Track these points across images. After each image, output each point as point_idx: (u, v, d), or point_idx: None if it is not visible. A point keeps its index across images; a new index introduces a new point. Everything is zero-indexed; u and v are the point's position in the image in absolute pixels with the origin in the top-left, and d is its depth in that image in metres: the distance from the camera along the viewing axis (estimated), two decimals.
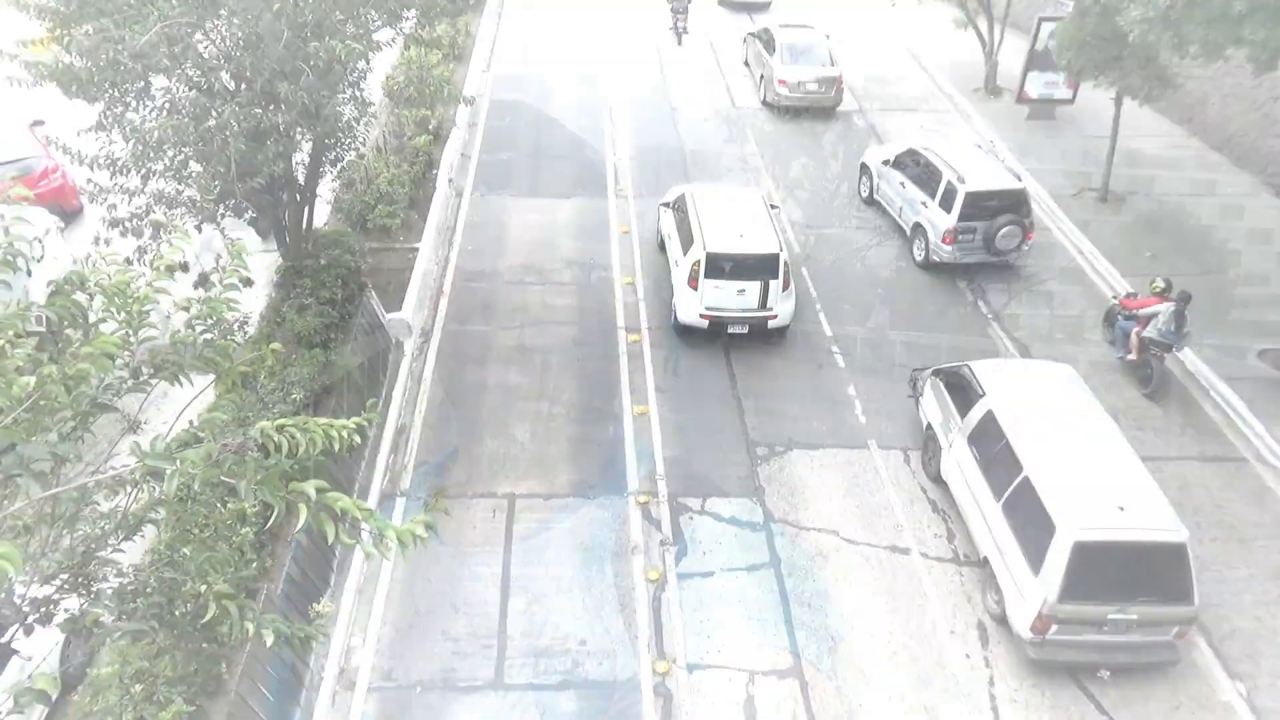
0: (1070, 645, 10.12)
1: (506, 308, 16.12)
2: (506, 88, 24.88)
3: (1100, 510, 9.97)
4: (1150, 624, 10.00)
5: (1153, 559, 9.87)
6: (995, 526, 10.89)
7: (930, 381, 13.34)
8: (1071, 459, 10.69)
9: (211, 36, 10.85)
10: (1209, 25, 13.15)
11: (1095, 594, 9.81)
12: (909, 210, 17.86)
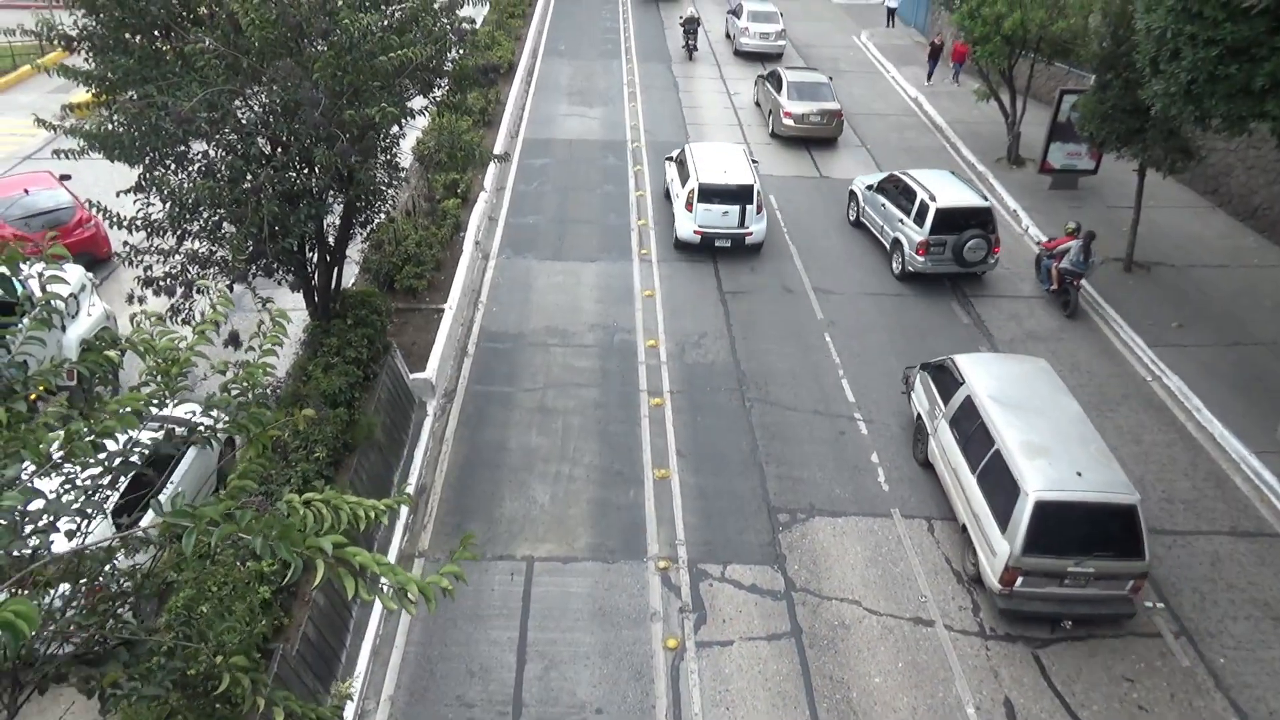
0: (1035, 597, 11.32)
1: (529, 369, 16.21)
2: (534, 152, 25.36)
3: (1060, 475, 11.24)
4: (1107, 578, 11.18)
5: (1107, 518, 11.12)
6: (972, 496, 12.15)
7: (919, 375, 14.67)
8: (1038, 434, 11.90)
9: (250, 103, 11.18)
10: (1231, 100, 13.23)
11: (1055, 548, 11.05)
12: (889, 228, 19.94)
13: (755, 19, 34.15)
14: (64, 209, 17.65)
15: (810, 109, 25.86)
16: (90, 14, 10.91)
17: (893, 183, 20.18)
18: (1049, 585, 11.21)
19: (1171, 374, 16.35)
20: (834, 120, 26.10)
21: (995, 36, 23.02)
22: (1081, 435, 12.06)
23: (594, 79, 31.81)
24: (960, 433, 12.82)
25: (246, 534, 3.48)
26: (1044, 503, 10.96)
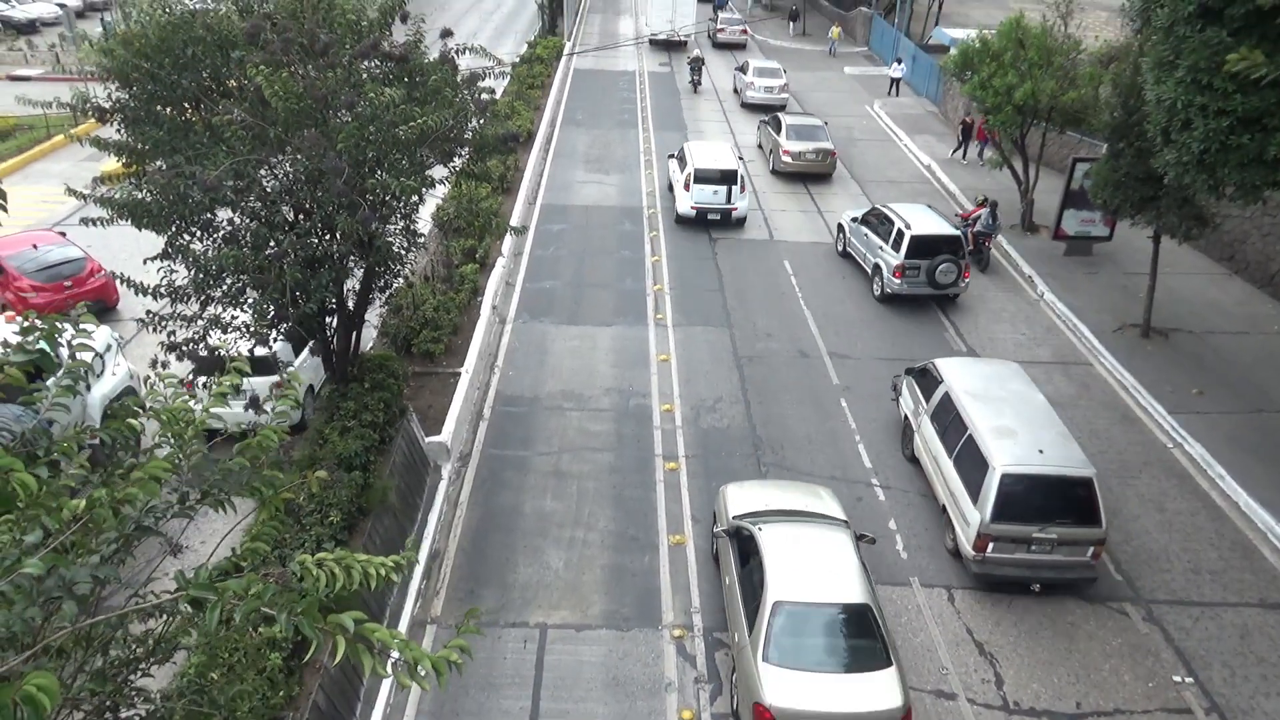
0: (1005, 563, 12.65)
1: (544, 433, 16.21)
2: (551, 218, 25.72)
3: (1024, 452, 12.73)
4: (1068, 544, 12.45)
5: (1066, 489, 12.48)
6: (949, 478, 13.61)
7: (905, 380, 16.23)
8: (1005, 421, 13.41)
9: (275, 171, 11.45)
10: (1244, 169, 13.30)
11: (1020, 516, 12.41)
12: (870, 255, 21.93)
13: (760, 74, 37.82)
14: (76, 260, 18.66)
15: (806, 148, 28.73)
16: (124, 88, 11.27)
17: (875, 215, 22.30)
18: (1017, 551, 12.57)
19: (1194, 441, 16.17)
20: (828, 158, 28.88)
21: (1007, 106, 23.36)
22: (1045, 421, 13.54)
23: (611, 147, 32.39)
24: (940, 424, 14.30)
25: (270, 609, 3.48)
26: (1009, 475, 12.43)
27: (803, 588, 10.68)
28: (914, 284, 20.55)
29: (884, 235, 21.30)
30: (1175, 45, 13.35)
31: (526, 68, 38.39)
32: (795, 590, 10.62)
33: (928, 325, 20.38)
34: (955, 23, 48.78)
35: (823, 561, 11.12)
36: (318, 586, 3.70)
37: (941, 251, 20.38)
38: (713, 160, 25.09)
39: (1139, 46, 17.33)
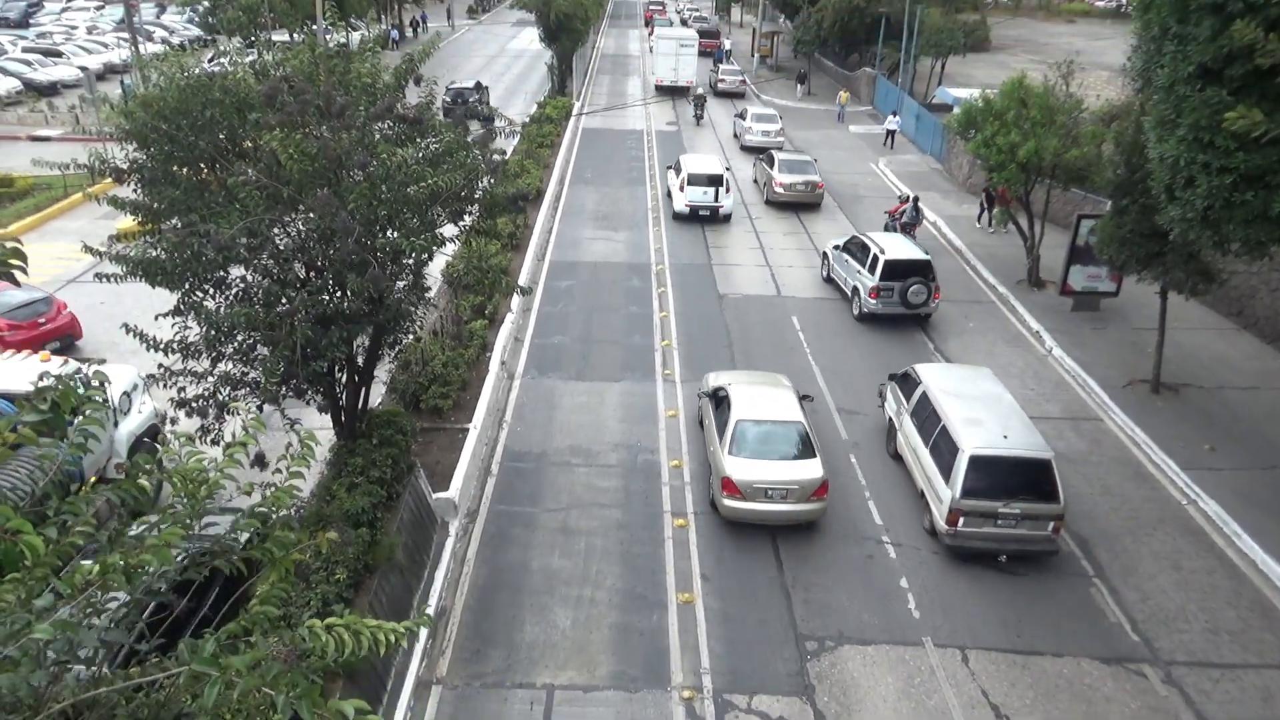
0: (975, 536, 14.12)
1: (552, 489, 16.14)
2: (560, 274, 25.92)
3: (990, 437, 14.32)
4: (1031, 518, 13.94)
5: (1027, 470, 14.05)
6: (926, 464, 15.15)
7: (889, 386, 17.79)
8: (975, 413, 14.97)
9: (289, 230, 11.60)
10: (1249, 225, 13.37)
11: (987, 493, 13.93)
12: (850, 278, 23.93)
13: (758, 120, 41.32)
14: (41, 300, 19.82)
15: (796, 180, 31.97)
16: (142, 148, 11.49)
17: (854, 242, 24.44)
18: (985, 526, 14.05)
19: (1207, 498, 16.01)
20: (815, 190, 32.11)
21: (1011, 164, 23.61)
22: (1010, 414, 15.14)
23: (619, 204, 32.75)
24: (918, 420, 15.89)
25: (271, 689, 3.44)
26: (976, 457, 14.02)
27: (757, 412, 15.47)
28: (888, 304, 22.48)
29: (862, 261, 23.36)
30: (1176, 104, 13.51)
31: (536, 127, 39.03)
32: (752, 413, 15.39)
33: None
34: (958, 82, 49.58)
35: (772, 402, 15.89)
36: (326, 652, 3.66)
37: (913, 275, 22.33)
38: (702, 167, 30.64)
39: (1140, 105, 17.55)
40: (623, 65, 65.53)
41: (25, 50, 53.79)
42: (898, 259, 22.50)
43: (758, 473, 14.65)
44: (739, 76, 54.20)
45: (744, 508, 14.71)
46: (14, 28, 67.73)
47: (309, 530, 10.96)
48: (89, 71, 38.28)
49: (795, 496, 14.59)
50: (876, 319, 22.97)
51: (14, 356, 15.30)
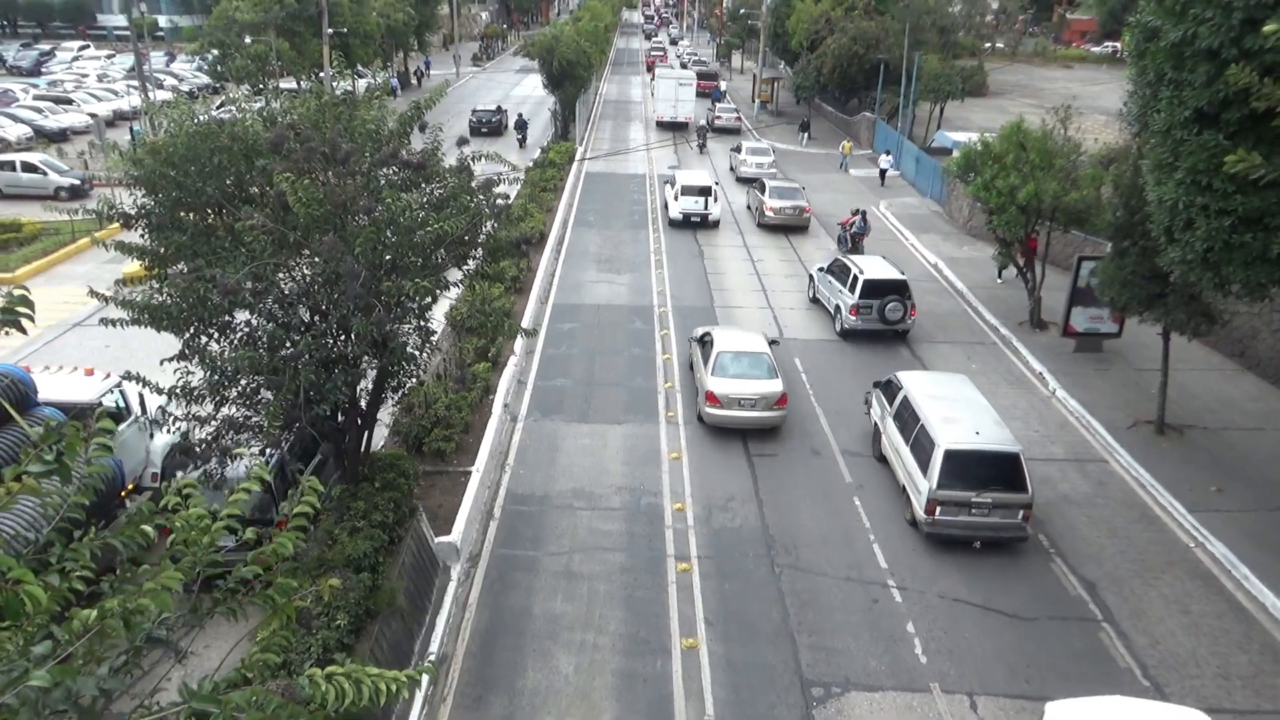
0: (951, 524, 15.35)
1: (555, 532, 16.04)
2: (563, 317, 26.02)
3: (963, 434, 15.57)
4: (1002, 507, 15.19)
5: (998, 462, 15.30)
6: (906, 461, 16.38)
7: (874, 393, 19.09)
8: (951, 413, 16.20)
9: (294, 274, 11.68)
10: (1249, 267, 13.42)
11: (961, 484, 15.14)
12: (832, 297, 25.66)
13: (752, 153, 44.55)
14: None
15: (785, 205, 34.96)
16: (150, 194, 11.62)
17: (837, 265, 26.35)
18: (960, 514, 15.27)
19: (1215, 541, 15.89)
20: (803, 214, 35.16)
21: (1011, 206, 23.78)
22: (983, 414, 16.44)
23: (621, 247, 32.97)
24: (900, 421, 17.09)
25: None
26: (951, 451, 15.25)
27: (733, 345, 19.96)
28: (868, 321, 24.16)
29: (843, 281, 25.08)
30: (1173, 148, 13.64)
31: (539, 172, 39.44)
32: (729, 347, 19.84)
33: None
34: (957, 126, 50.16)
35: (745, 340, 20.31)
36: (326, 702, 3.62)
37: (890, 293, 24.04)
38: (693, 180, 35.69)
39: (1137, 149, 17.72)
40: (625, 111, 66.33)
41: (36, 98, 54.63)
42: (876, 279, 24.15)
43: (733, 388, 18.97)
44: (734, 114, 57.20)
45: (722, 414, 19.03)
46: (26, 76, 68.90)
47: (310, 575, 10.90)
48: (98, 118, 38.88)
49: (761, 406, 18.96)
50: (859, 337, 24.68)
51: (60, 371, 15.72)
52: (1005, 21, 68.13)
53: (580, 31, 53.97)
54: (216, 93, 52.38)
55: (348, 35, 52.24)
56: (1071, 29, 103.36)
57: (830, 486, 17.65)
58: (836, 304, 25.27)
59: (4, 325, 4.53)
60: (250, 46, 49.42)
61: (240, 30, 49.87)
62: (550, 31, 52.72)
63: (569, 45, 48.45)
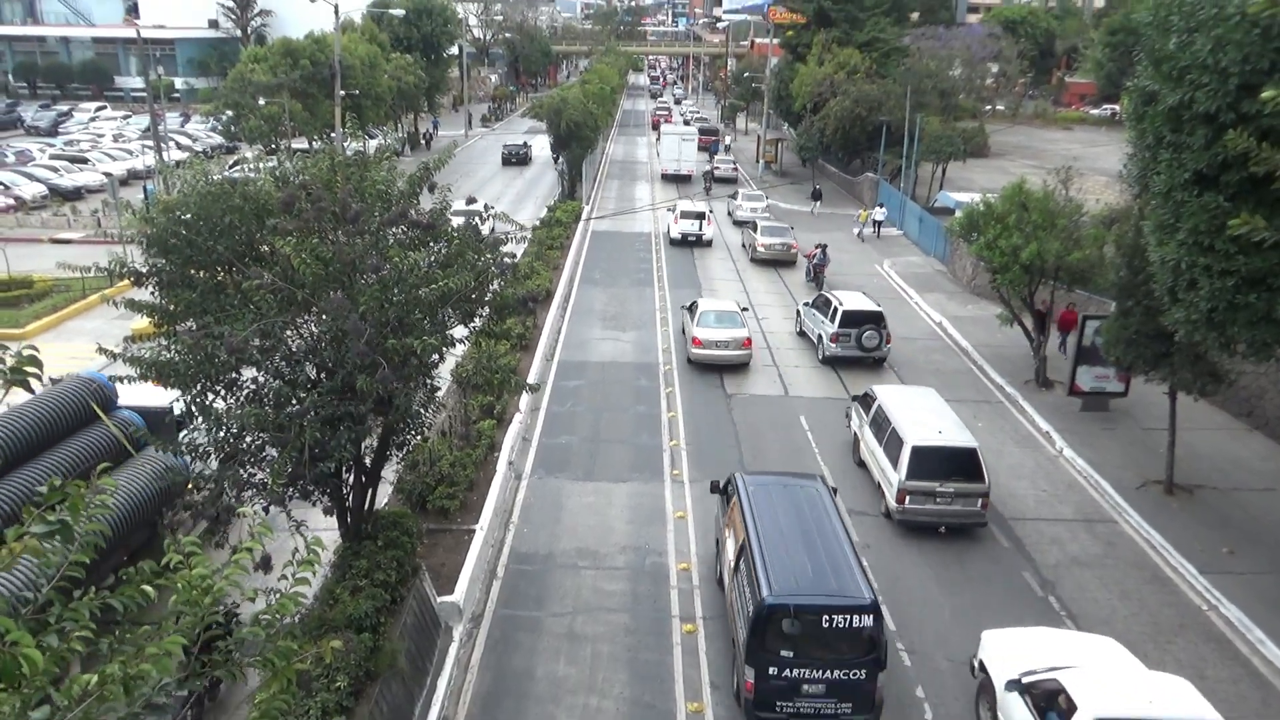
0: (919, 512, 17.48)
1: (558, 592, 15.86)
2: (568, 374, 26.06)
3: (928, 433, 17.86)
4: (963, 496, 17.36)
5: (958, 457, 17.54)
6: (881, 460, 18.58)
7: (853, 406, 21.47)
8: (917, 418, 18.45)
9: (301, 332, 11.75)
10: (1254, 327, 13.45)
11: (927, 476, 17.33)
12: (815, 327, 28.31)
13: (747, 199, 49.23)
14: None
15: (775, 242, 39.37)
16: (162, 253, 11.75)
17: (820, 299, 29.06)
18: (927, 503, 17.42)
19: (1229, 604, 15.64)
20: (790, 250, 39.32)
21: (1014, 266, 23.92)
22: (945, 417, 18.74)
23: (627, 305, 33.15)
24: (875, 428, 19.32)
25: None
26: (917, 447, 17.51)
27: (712, 306, 27.26)
28: (846, 348, 26.61)
29: (825, 312, 27.65)
30: (1174, 209, 13.77)
31: (546, 230, 39.83)
32: (709, 307, 27.03)
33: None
34: (959, 186, 50.65)
35: (721, 303, 27.89)
36: None
37: (866, 323, 26.51)
38: (691, 207, 43.44)
39: (1139, 209, 17.87)
40: (631, 171, 67.22)
41: (53, 157, 55.58)
42: (853, 309, 26.78)
43: (711, 334, 26.15)
44: (731, 165, 62.80)
45: (703, 353, 26.14)
46: (44, 135, 70.16)
47: (311, 636, 10.76)
48: (113, 177, 39.52)
49: (732, 346, 26.13)
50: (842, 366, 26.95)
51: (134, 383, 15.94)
52: (1005, 84, 69.10)
53: (587, 94, 54.96)
54: (230, 152, 53.30)
55: (359, 97, 53.27)
56: (1070, 92, 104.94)
57: None
58: (819, 333, 27.78)
59: (12, 384, 4.56)
60: (264, 107, 50.39)
61: (255, 92, 50.89)
62: (558, 94, 53.73)
63: (576, 107, 49.31)
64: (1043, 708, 11.24)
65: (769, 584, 12.18)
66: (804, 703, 12.09)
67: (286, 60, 51.48)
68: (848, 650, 12.03)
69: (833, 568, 12.77)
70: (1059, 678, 11.33)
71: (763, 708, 12.18)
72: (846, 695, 12.06)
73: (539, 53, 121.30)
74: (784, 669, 11.99)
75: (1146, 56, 14.04)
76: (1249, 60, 11.81)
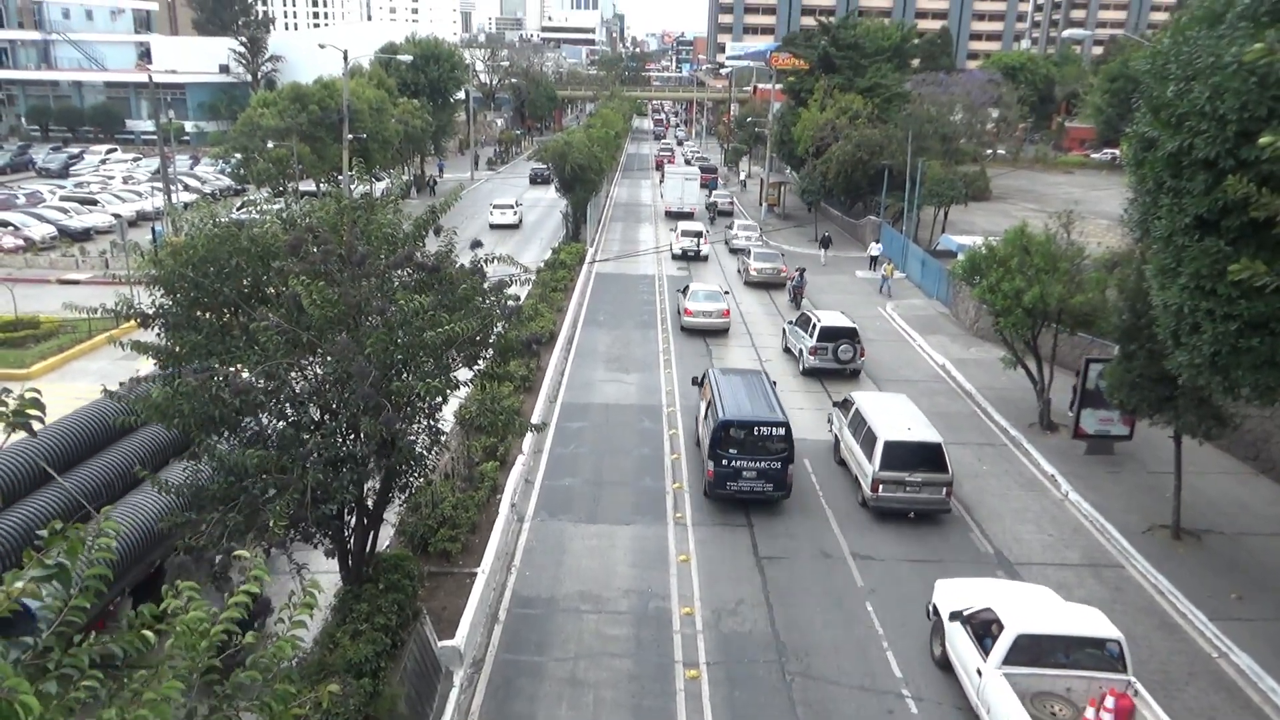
0: (891, 499, 19.68)
1: (560, 637, 15.70)
2: (572, 416, 26.03)
3: (899, 431, 20.09)
4: (929, 485, 19.55)
5: (924, 450, 19.72)
6: (858, 455, 20.80)
7: (834, 411, 23.96)
8: (890, 418, 20.76)
9: (306, 374, 11.77)
10: (1258, 370, 13.42)
11: (898, 467, 19.55)
12: (797, 342, 31.43)
13: (742, 229, 55.02)
14: None
15: (765, 266, 44.12)
16: (168, 294, 11.82)
17: (801, 317, 32.32)
18: (898, 491, 19.59)
19: (1239, 651, 15.43)
20: (780, 273, 43.44)
21: (1017, 309, 23.96)
22: (914, 418, 21.18)
23: (631, 347, 33.22)
24: (854, 428, 21.53)
25: None
26: (889, 442, 19.70)
27: (701, 287, 36.45)
28: (824, 360, 29.62)
29: (805, 329, 30.79)
30: (1176, 254, 13.80)
31: (550, 272, 40.05)
32: (698, 287, 36.29)
33: (952, 534, 19.99)
34: (961, 229, 50.97)
35: (708, 289, 36.21)
36: None
37: (841, 338, 29.56)
38: (689, 227, 50.01)
39: (1140, 253, 17.94)
40: (635, 213, 67.75)
41: (63, 198, 56.19)
42: (830, 325, 30.04)
43: (700, 306, 34.36)
44: (728, 199, 69.22)
45: (693, 320, 34.31)
46: (55, 177, 71.01)
47: (310, 680, 10.64)
48: (121, 218, 39.84)
49: (715, 315, 34.22)
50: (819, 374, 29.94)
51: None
52: (1006, 129, 69.80)
53: (592, 138, 55.57)
54: (238, 194, 53.84)
55: (367, 140, 53.92)
56: (1070, 136, 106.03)
57: (839, 590, 17.29)
58: (800, 348, 30.79)
59: (14, 427, 4.58)
60: (272, 151, 50.97)
61: (264, 136, 51.51)
62: (563, 138, 54.31)
63: (581, 151, 49.83)
64: (980, 634, 13.73)
65: (723, 410, 20.23)
66: (743, 483, 19.69)
67: (295, 105, 52.17)
68: (769, 450, 19.67)
69: (763, 405, 20.83)
70: (991, 606, 13.93)
71: (718, 487, 19.90)
72: (769, 479, 19.68)
73: (544, 97, 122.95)
74: (731, 461, 19.59)
75: (1145, 103, 14.19)
76: (1247, 107, 11.93)
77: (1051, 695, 12.90)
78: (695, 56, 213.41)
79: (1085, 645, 13.25)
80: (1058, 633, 13.31)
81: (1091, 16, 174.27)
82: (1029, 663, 12.97)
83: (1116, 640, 13.23)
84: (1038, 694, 12.82)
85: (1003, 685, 12.65)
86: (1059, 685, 12.98)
